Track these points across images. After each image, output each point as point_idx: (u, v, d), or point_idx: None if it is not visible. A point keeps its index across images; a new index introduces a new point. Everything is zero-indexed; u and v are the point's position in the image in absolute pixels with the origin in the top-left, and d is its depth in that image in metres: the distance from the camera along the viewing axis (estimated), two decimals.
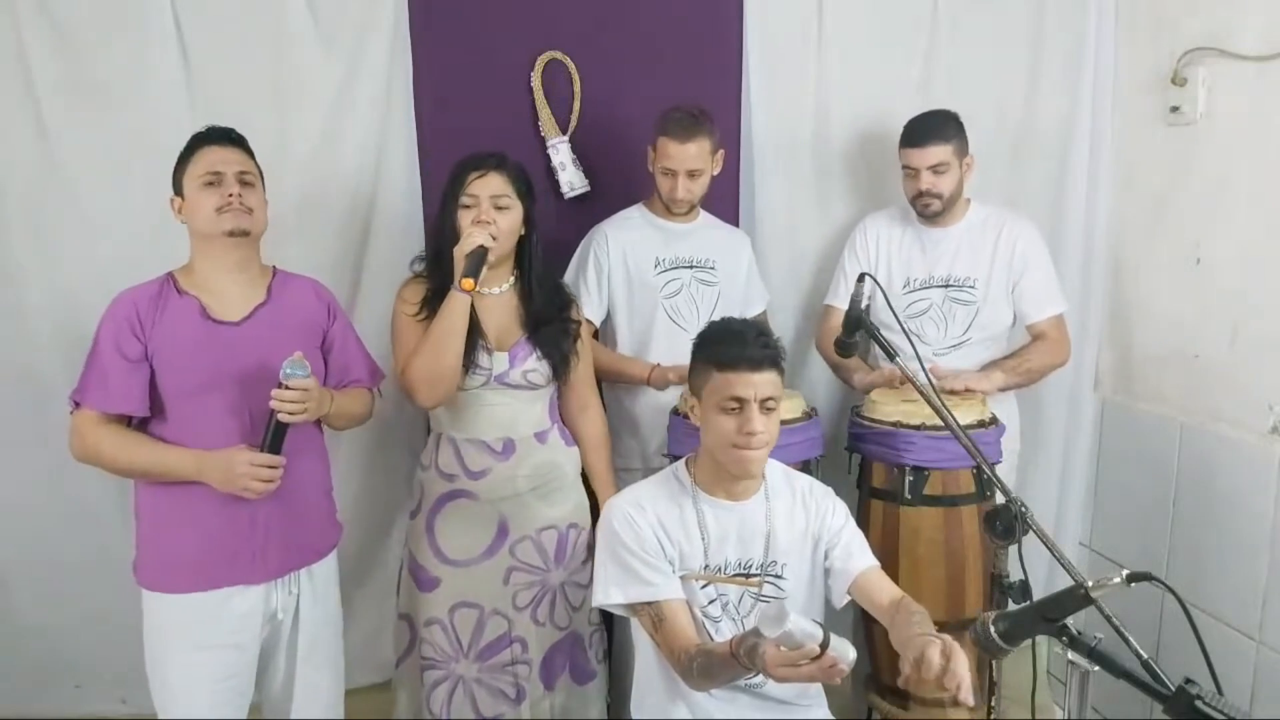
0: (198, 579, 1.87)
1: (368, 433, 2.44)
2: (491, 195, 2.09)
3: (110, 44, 2.32)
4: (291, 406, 1.81)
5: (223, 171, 1.88)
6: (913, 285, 2.53)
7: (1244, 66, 2.29)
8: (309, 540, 2.00)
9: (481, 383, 2.13)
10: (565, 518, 2.24)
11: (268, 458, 1.83)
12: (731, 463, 1.73)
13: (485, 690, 2.22)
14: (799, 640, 1.38)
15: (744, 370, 1.68)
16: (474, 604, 2.19)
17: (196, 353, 1.86)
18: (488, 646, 2.21)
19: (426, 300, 2.11)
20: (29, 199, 2.34)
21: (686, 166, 2.37)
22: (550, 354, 2.18)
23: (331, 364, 2.04)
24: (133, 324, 1.85)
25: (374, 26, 2.44)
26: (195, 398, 1.86)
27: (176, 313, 1.88)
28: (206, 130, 1.95)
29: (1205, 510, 2.39)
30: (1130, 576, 1.24)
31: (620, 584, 1.73)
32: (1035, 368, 2.48)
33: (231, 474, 1.81)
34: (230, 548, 1.88)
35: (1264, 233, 2.26)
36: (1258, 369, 2.28)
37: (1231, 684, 1.80)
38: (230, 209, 1.87)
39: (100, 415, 1.85)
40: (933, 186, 2.42)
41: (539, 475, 2.21)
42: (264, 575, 1.92)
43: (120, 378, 1.83)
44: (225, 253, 1.90)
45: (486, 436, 2.17)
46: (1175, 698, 1.15)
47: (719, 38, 2.63)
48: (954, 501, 2.28)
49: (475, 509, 2.18)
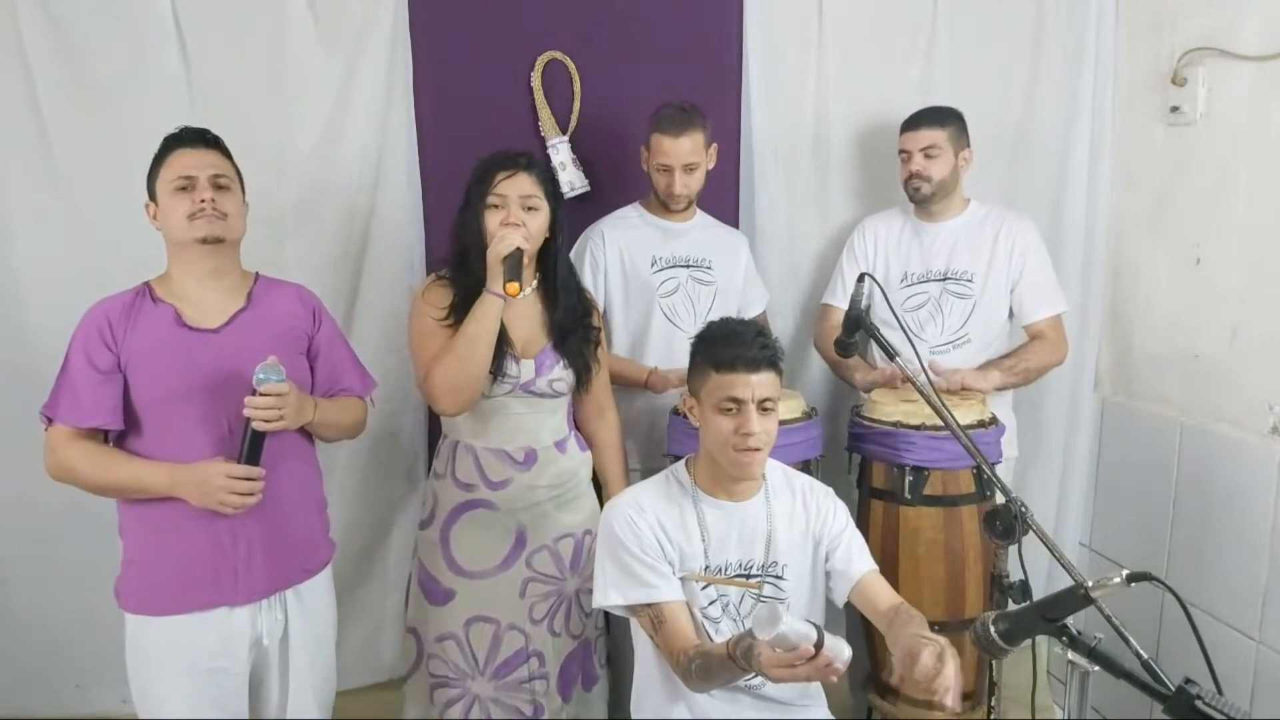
0: (177, 600, 1.79)
1: (368, 435, 2.43)
2: (521, 196, 2.03)
3: (110, 44, 2.33)
4: (266, 413, 1.72)
5: (195, 175, 1.80)
6: (910, 279, 2.54)
7: (1244, 66, 2.29)
8: (297, 558, 1.89)
9: (507, 391, 2.07)
10: (582, 524, 2.20)
11: (245, 469, 1.73)
12: (730, 464, 1.73)
13: (501, 709, 2.15)
14: (793, 642, 1.38)
15: (742, 371, 1.68)
16: (490, 618, 2.14)
17: (170, 360, 1.77)
18: (505, 663, 2.15)
19: (454, 305, 2.04)
20: (29, 199, 2.34)
21: (682, 161, 2.37)
22: (575, 362, 2.13)
23: (319, 371, 1.95)
24: (104, 334, 1.77)
25: (374, 26, 2.45)
26: (170, 408, 1.77)
27: (150, 320, 1.80)
28: (179, 131, 1.87)
29: (1205, 510, 2.39)
30: (1130, 576, 1.24)
31: (619, 586, 1.73)
32: (1033, 367, 2.48)
33: (207, 487, 1.72)
34: (211, 566, 1.79)
35: (1264, 233, 2.26)
36: (1258, 369, 2.28)
37: (1231, 684, 1.80)
38: (203, 215, 1.78)
39: (73, 431, 1.76)
40: (923, 169, 2.44)
41: (558, 484, 2.16)
42: (248, 595, 1.82)
43: (91, 390, 1.75)
44: (200, 260, 1.82)
45: (509, 446, 2.11)
46: (1175, 698, 1.15)
47: (719, 38, 2.63)
48: (954, 501, 2.28)
49: (493, 519, 2.13)
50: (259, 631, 1.85)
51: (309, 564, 1.93)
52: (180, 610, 1.79)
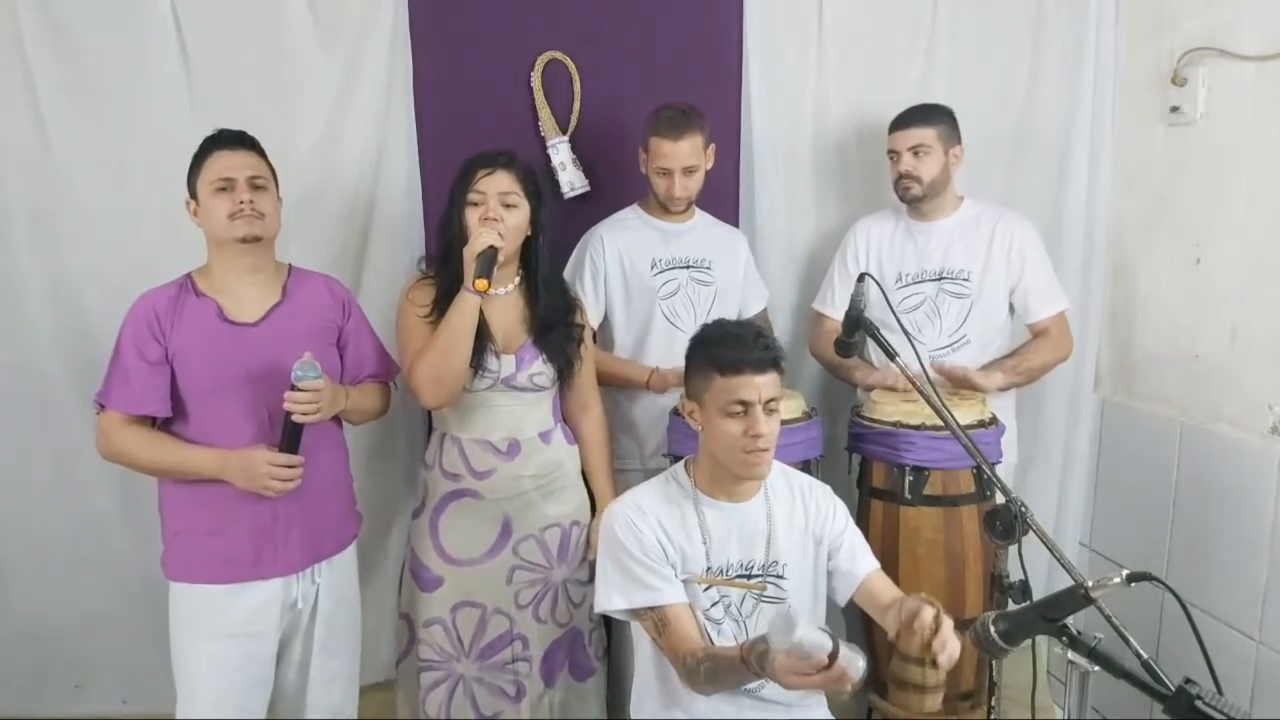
0: (221, 572, 1.92)
1: (369, 431, 2.44)
2: (499, 193, 2.08)
3: (110, 44, 2.33)
4: (305, 408, 1.85)
5: (234, 177, 1.90)
6: (905, 280, 2.53)
7: (1244, 66, 2.29)
8: (329, 533, 2.04)
9: (488, 385, 2.13)
10: (569, 515, 2.25)
11: (286, 458, 1.87)
12: (739, 465, 1.73)
13: (485, 689, 2.22)
14: (808, 650, 1.37)
15: (748, 373, 1.68)
16: (476, 603, 2.20)
17: (214, 354, 1.89)
18: (489, 645, 2.21)
19: (436, 301, 2.11)
20: (29, 199, 2.34)
21: (681, 164, 2.37)
22: (556, 358, 2.18)
23: (347, 360, 2.07)
24: (152, 327, 1.88)
25: (374, 26, 2.45)
26: (214, 398, 1.90)
27: (194, 315, 1.91)
28: (218, 134, 1.96)
29: (1205, 510, 2.39)
30: (1130, 576, 1.25)
31: (622, 589, 1.73)
32: (1036, 366, 2.48)
33: (252, 473, 1.86)
34: (253, 543, 1.92)
35: (1264, 233, 2.26)
36: (1258, 369, 2.27)
37: (1231, 684, 1.81)
38: (242, 215, 1.89)
39: (125, 416, 1.89)
40: (913, 169, 2.43)
41: (543, 474, 2.21)
42: (286, 569, 1.96)
43: (142, 379, 1.87)
44: (239, 257, 1.93)
45: (492, 437, 2.17)
46: (1175, 698, 1.15)
47: (719, 38, 2.62)
48: (954, 501, 2.28)
49: (480, 508, 2.18)
50: (294, 596, 1.99)
51: (340, 536, 2.08)
52: (222, 580, 1.92)
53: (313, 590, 2.02)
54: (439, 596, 2.19)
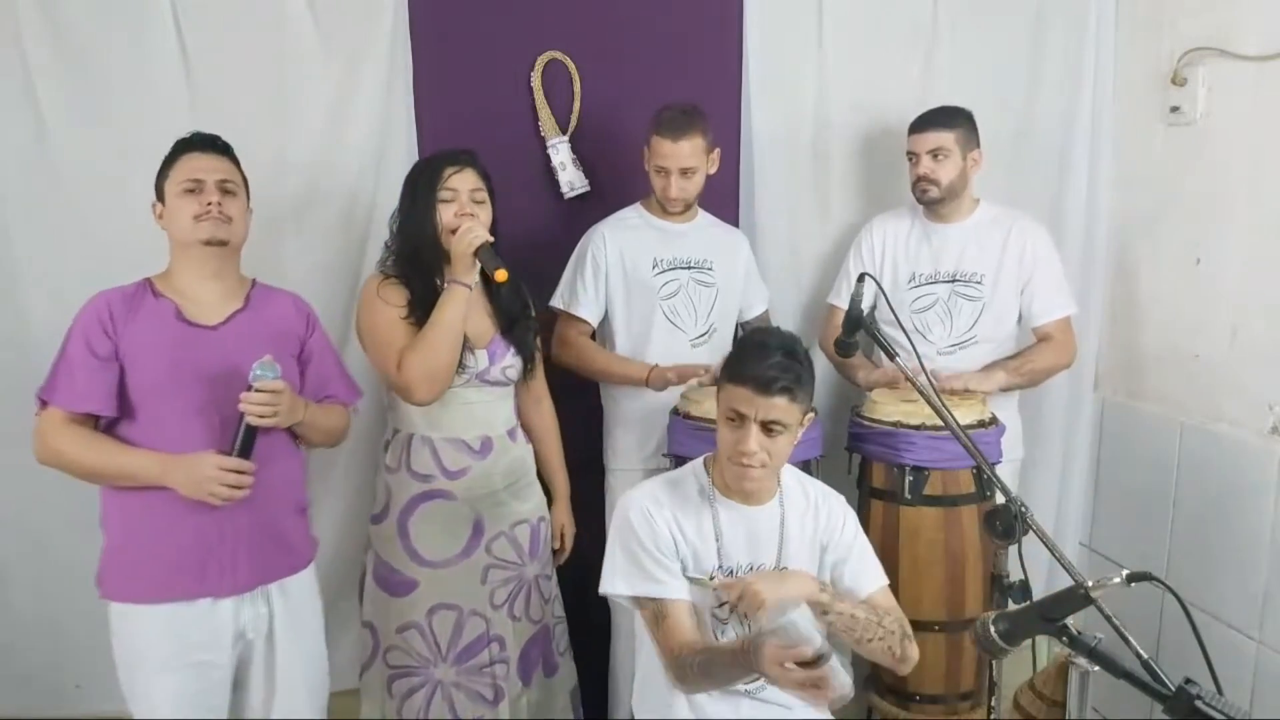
0: (161, 589, 1.81)
1: (356, 440, 2.41)
2: (471, 189, 2.11)
3: (110, 44, 2.32)
4: (261, 409, 1.76)
5: (203, 179, 1.85)
6: (919, 280, 2.53)
7: (1244, 66, 2.29)
8: (280, 554, 1.93)
9: (465, 381, 2.13)
10: (535, 511, 2.29)
11: (237, 462, 1.76)
12: (728, 474, 1.74)
13: (464, 694, 2.19)
14: (792, 638, 1.38)
15: (750, 388, 1.65)
16: (453, 605, 2.17)
17: (169, 353, 1.81)
18: (466, 648, 2.19)
19: (412, 301, 2.09)
20: (29, 199, 2.34)
21: (680, 165, 2.36)
22: (522, 350, 2.22)
23: (309, 376, 1.99)
24: (104, 322, 1.80)
25: (374, 26, 2.44)
26: (165, 398, 1.80)
27: (151, 313, 1.84)
28: (191, 136, 1.92)
29: (1205, 510, 2.39)
30: (1130, 576, 1.25)
31: (627, 576, 1.74)
32: (1039, 369, 2.48)
33: (197, 477, 1.75)
34: (196, 557, 1.81)
35: (1264, 233, 2.26)
36: (1258, 369, 2.28)
37: (1231, 684, 1.80)
38: (208, 217, 1.84)
39: (66, 415, 1.80)
40: (931, 172, 2.43)
41: (512, 472, 2.23)
42: (233, 588, 1.85)
43: (87, 375, 1.78)
44: (203, 261, 1.88)
45: (466, 435, 2.17)
46: (1175, 698, 1.15)
47: (719, 38, 2.63)
48: (954, 501, 2.29)
49: (451, 509, 2.16)
50: (242, 625, 1.88)
51: (292, 560, 1.96)
52: (164, 598, 1.81)
53: (263, 619, 1.90)
54: (413, 600, 2.16)
